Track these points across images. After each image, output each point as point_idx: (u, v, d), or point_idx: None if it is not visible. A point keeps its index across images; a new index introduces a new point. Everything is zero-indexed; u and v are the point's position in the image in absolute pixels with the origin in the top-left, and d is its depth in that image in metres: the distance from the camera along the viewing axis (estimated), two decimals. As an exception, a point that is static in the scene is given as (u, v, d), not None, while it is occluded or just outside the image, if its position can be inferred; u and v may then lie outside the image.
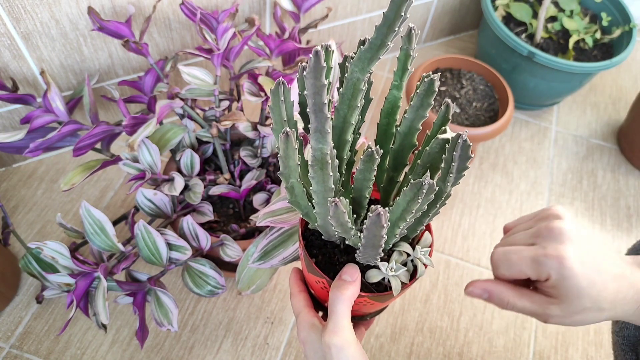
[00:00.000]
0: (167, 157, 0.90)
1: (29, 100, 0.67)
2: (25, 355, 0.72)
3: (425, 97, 0.37)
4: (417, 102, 0.37)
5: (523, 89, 1.04)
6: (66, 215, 0.86)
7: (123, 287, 0.59)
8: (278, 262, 0.52)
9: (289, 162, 0.35)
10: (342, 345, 0.37)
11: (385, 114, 0.41)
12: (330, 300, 0.39)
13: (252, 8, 0.87)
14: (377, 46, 0.33)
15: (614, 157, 1.08)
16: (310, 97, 0.31)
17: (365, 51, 0.33)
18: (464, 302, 0.84)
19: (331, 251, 0.45)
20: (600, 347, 0.82)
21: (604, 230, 0.96)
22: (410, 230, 0.41)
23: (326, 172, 0.34)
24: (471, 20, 1.25)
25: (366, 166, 0.35)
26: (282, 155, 0.34)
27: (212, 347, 0.75)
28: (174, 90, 0.70)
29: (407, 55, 0.37)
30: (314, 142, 0.34)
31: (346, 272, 0.39)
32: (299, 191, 0.38)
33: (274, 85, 0.35)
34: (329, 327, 0.38)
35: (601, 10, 1.09)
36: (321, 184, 0.35)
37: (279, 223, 0.51)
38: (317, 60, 0.30)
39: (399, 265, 0.40)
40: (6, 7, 0.67)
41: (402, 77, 0.38)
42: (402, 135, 0.40)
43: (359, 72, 0.34)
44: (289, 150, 0.34)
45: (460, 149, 0.34)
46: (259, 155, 0.74)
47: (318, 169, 0.34)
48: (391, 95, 0.40)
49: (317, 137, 0.33)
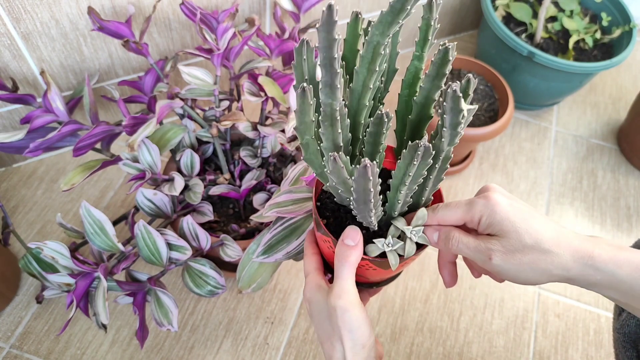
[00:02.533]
0: (167, 157, 0.90)
1: (29, 100, 0.67)
2: (25, 355, 0.72)
3: (440, 66, 0.36)
4: (433, 71, 0.37)
5: (523, 89, 1.04)
6: (66, 215, 0.86)
7: (123, 287, 0.59)
8: (282, 256, 0.53)
9: (305, 117, 0.35)
10: (346, 308, 0.39)
11: (406, 85, 0.41)
12: (335, 264, 0.40)
13: (252, 8, 0.87)
14: (397, 10, 0.33)
15: (614, 157, 1.08)
16: (322, 50, 0.31)
17: (386, 14, 0.33)
18: (464, 302, 0.84)
19: (343, 215, 0.45)
20: (600, 347, 0.82)
21: (604, 230, 0.96)
22: (416, 198, 0.41)
23: (335, 129, 0.34)
24: (471, 20, 1.25)
25: (376, 129, 0.35)
26: (298, 110, 0.34)
27: (212, 347, 0.75)
28: (174, 90, 0.70)
29: (428, 25, 0.37)
30: (324, 96, 0.33)
31: (348, 236, 0.40)
32: (314, 148, 0.38)
33: (298, 44, 0.35)
34: (334, 291, 0.40)
35: (601, 10, 1.09)
36: (330, 140, 0.35)
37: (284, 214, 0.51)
38: (330, 14, 0.30)
39: (396, 240, 0.40)
40: (6, 7, 0.67)
41: (424, 47, 0.38)
42: (419, 105, 0.39)
43: (379, 35, 0.34)
44: (305, 105, 0.34)
45: (451, 100, 0.32)
46: (259, 155, 0.74)
47: (328, 124, 0.34)
48: (412, 66, 0.39)
49: (326, 92, 0.33)
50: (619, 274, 0.39)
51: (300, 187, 0.55)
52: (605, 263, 0.39)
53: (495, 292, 0.85)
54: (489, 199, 0.40)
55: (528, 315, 0.84)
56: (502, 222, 0.40)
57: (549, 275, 0.40)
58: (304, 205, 0.53)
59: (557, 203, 0.99)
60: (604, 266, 0.39)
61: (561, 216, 0.97)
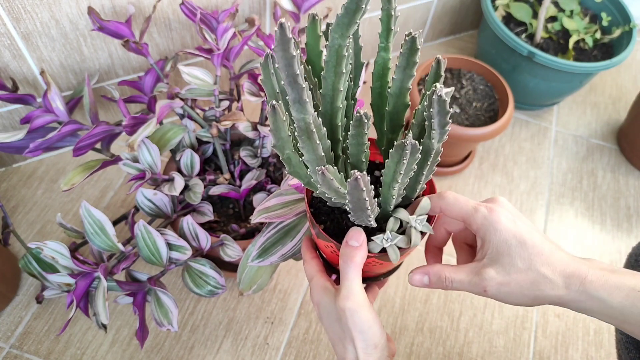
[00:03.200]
0: (167, 157, 0.90)
1: (29, 100, 0.67)
2: (25, 355, 0.72)
3: (409, 55, 0.37)
4: (403, 61, 0.37)
5: (523, 89, 1.04)
6: (66, 215, 0.86)
7: (123, 287, 0.59)
8: (277, 258, 0.53)
9: (280, 134, 0.35)
10: (354, 309, 0.39)
11: (376, 77, 0.41)
12: (341, 267, 0.40)
13: (252, 8, 0.87)
14: (352, 10, 0.33)
15: (614, 157, 1.08)
16: (283, 69, 0.31)
17: (342, 17, 0.34)
18: (464, 302, 0.84)
19: (339, 216, 0.45)
20: (600, 347, 0.82)
21: (604, 230, 0.96)
22: (410, 190, 0.41)
23: (313, 141, 0.35)
24: (471, 20, 1.25)
25: (357, 131, 0.36)
26: (272, 128, 0.35)
27: (212, 347, 0.75)
28: (174, 90, 0.70)
29: (389, 16, 0.37)
30: (295, 112, 0.34)
31: (352, 237, 0.40)
32: (296, 161, 0.38)
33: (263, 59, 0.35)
34: (342, 293, 0.40)
35: (601, 10, 1.09)
36: (311, 152, 0.35)
37: (273, 218, 0.51)
38: (283, 33, 0.30)
39: (395, 235, 0.40)
40: (6, 7, 0.67)
41: (388, 37, 0.38)
42: (394, 96, 0.40)
43: (339, 38, 0.35)
44: (278, 122, 0.34)
45: (437, 105, 0.33)
46: (259, 155, 0.74)
47: (305, 138, 0.35)
48: (380, 58, 0.40)
49: (297, 108, 0.33)
50: (609, 302, 0.39)
51: (289, 189, 0.54)
52: (597, 290, 0.39)
53: (495, 292, 0.85)
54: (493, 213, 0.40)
55: (528, 315, 0.84)
56: (499, 245, 0.40)
57: (541, 300, 0.40)
58: (294, 208, 0.53)
59: (557, 203, 0.99)
60: (595, 293, 0.39)
61: (561, 216, 0.97)
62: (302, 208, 0.52)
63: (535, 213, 0.97)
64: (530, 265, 0.40)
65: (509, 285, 0.40)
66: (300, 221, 0.54)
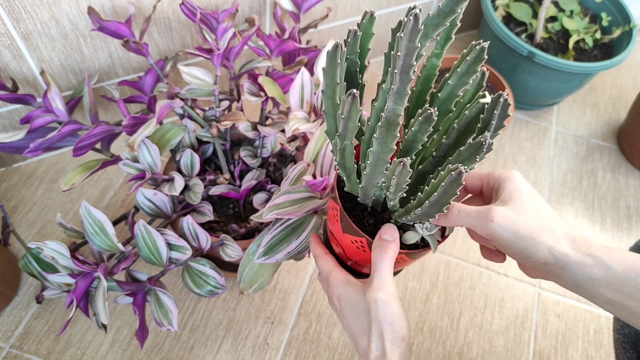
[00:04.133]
0: (167, 157, 0.90)
1: (29, 100, 0.67)
2: (25, 355, 0.72)
3: (473, 64, 0.37)
4: (464, 68, 0.38)
5: (523, 89, 1.04)
6: (66, 215, 0.86)
7: (123, 287, 0.59)
8: (283, 256, 0.53)
9: (350, 123, 0.35)
10: (387, 300, 0.40)
11: (421, 81, 0.41)
12: (374, 259, 0.41)
13: (252, 8, 0.87)
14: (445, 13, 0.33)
15: (614, 157, 1.08)
16: (402, 58, 0.31)
17: (433, 17, 0.34)
18: (464, 302, 0.84)
19: (360, 214, 0.46)
20: (600, 347, 0.82)
21: (604, 230, 0.96)
22: None
23: (391, 133, 0.35)
24: (471, 20, 1.25)
25: (422, 127, 0.36)
26: (345, 117, 0.35)
27: (212, 347, 0.75)
28: (174, 90, 0.70)
29: (453, 26, 0.37)
30: (390, 103, 0.34)
31: (386, 232, 0.41)
32: (349, 153, 0.39)
33: (332, 48, 0.35)
34: (374, 284, 0.40)
35: (601, 10, 1.09)
36: (384, 144, 0.36)
37: (284, 215, 0.51)
38: (416, 23, 0.30)
39: (433, 225, 0.41)
40: (6, 7, 0.67)
41: (444, 45, 0.39)
42: (441, 100, 0.40)
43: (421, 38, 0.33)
44: (353, 112, 0.34)
45: (501, 108, 0.35)
46: (259, 155, 0.74)
47: (385, 130, 0.35)
48: (430, 63, 0.40)
49: (395, 99, 0.34)
50: (615, 269, 0.39)
51: (298, 187, 0.54)
52: (603, 255, 0.39)
53: (495, 292, 0.85)
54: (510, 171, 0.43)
55: (528, 315, 0.84)
56: (512, 191, 0.41)
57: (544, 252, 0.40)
58: (303, 206, 0.53)
59: (557, 203, 0.99)
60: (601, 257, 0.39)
61: (561, 216, 0.97)
62: (311, 206, 0.53)
63: (535, 213, 0.97)
64: (540, 215, 0.40)
65: (516, 223, 0.39)
66: (306, 219, 0.54)
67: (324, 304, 0.81)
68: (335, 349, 0.77)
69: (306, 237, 0.54)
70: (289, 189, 0.54)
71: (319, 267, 0.47)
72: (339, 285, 0.44)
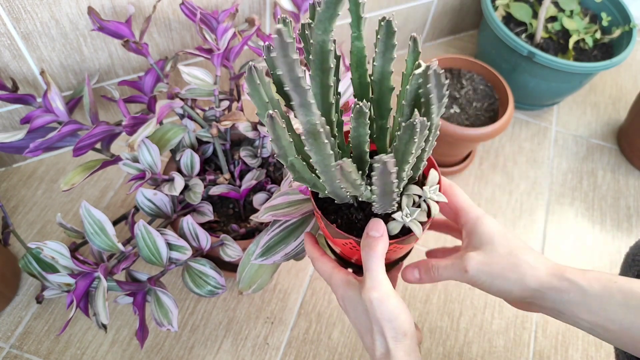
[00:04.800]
0: (167, 157, 0.90)
1: (29, 100, 0.67)
2: (25, 355, 0.72)
3: (387, 39, 0.37)
4: (382, 47, 0.37)
5: (523, 89, 1.04)
6: (66, 215, 0.86)
7: (123, 287, 0.59)
8: (280, 257, 0.53)
9: (281, 142, 0.35)
10: (381, 299, 0.39)
11: (355, 67, 0.41)
12: (363, 259, 0.40)
13: (252, 8, 0.87)
14: (333, 3, 0.33)
15: (614, 157, 1.08)
16: (285, 74, 0.31)
17: (323, 11, 0.33)
18: (464, 302, 0.84)
19: (347, 212, 0.45)
20: (600, 347, 0.82)
21: (603, 230, 0.96)
22: (414, 170, 0.41)
23: (321, 141, 0.35)
24: (471, 20, 1.25)
25: (359, 122, 0.36)
26: (273, 138, 0.35)
27: (212, 347, 0.75)
28: (174, 90, 0.70)
29: (356, 4, 0.37)
30: (301, 116, 0.33)
31: (372, 228, 0.40)
32: (300, 166, 0.39)
33: (247, 72, 0.35)
34: (366, 284, 0.40)
35: (601, 10, 1.09)
36: (319, 153, 0.35)
37: (280, 216, 0.51)
38: (282, 38, 0.29)
39: (413, 209, 0.41)
40: (6, 7, 0.67)
41: (359, 26, 0.39)
42: (378, 82, 0.40)
43: (323, 34, 0.34)
44: (278, 131, 0.34)
45: (434, 79, 0.34)
46: (259, 155, 0.74)
47: (312, 140, 0.35)
48: (354, 48, 0.40)
49: (302, 111, 0.33)
50: (589, 291, 0.40)
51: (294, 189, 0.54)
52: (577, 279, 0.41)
53: (495, 292, 0.85)
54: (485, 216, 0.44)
55: (528, 315, 0.84)
56: (482, 235, 0.43)
57: (521, 286, 0.41)
58: (300, 207, 0.53)
59: (557, 203, 0.99)
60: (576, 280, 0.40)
61: (561, 216, 0.97)
62: (308, 208, 0.53)
63: (535, 213, 0.97)
64: (511, 252, 0.42)
65: (489, 265, 0.41)
66: (304, 221, 0.54)
67: (324, 304, 0.81)
68: (335, 349, 0.77)
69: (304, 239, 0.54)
70: (286, 191, 0.54)
71: (317, 270, 0.47)
72: (340, 286, 0.44)
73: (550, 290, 0.41)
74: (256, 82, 0.36)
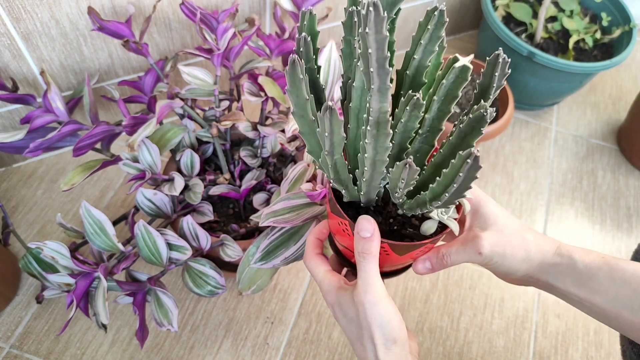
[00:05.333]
0: (167, 157, 0.90)
1: (29, 100, 0.67)
2: (25, 355, 0.72)
3: (435, 30, 0.35)
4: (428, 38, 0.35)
5: (523, 89, 1.04)
6: (66, 215, 0.86)
7: (123, 287, 0.59)
8: (280, 262, 0.52)
9: (335, 137, 0.33)
10: (374, 302, 0.38)
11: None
12: (356, 260, 0.39)
13: (252, 8, 0.87)
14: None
15: (614, 157, 1.08)
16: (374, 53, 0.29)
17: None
18: (464, 302, 0.84)
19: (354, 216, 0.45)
20: (600, 347, 0.82)
21: (603, 231, 0.96)
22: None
23: (383, 133, 0.33)
24: (471, 20, 1.25)
25: (411, 115, 0.34)
26: (328, 133, 0.33)
27: (212, 347, 0.75)
28: (174, 90, 0.70)
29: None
30: (375, 102, 0.31)
31: (363, 228, 0.38)
32: (342, 166, 0.37)
33: (289, 65, 0.33)
34: (358, 287, 0.39)
35: (601, 10, 1.09)
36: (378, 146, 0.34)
37: (281, 223, 0.51)
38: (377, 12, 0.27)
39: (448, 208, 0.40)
40: (6, 7, 0.67)
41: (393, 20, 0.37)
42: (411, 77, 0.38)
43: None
44: (335, 125, 0.32)
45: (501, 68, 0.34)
46: (259, 155, 0.74)
47: (376, 131, 0.32)
48: None
49: (378, 97, 0.31)
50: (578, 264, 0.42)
51: (297, 193, 0.54)
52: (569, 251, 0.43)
53: (495, 292, 0.85)
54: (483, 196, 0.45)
55: (528, 315, 0.84)
56: (488, 215, 0.43)
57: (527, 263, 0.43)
58: (302, 213, 0.52)
59: (557, 203, 0.99)
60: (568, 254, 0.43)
61: (561, 216, 0.97)
62: (309, 214, 0.52)
63: (535, 213, 0.97)
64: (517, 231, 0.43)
65: (502, 246, 0.42)
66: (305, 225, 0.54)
67: (324, 304, 0.81)
68: (335, 349, 0.77)
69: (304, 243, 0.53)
70: (287, 195, 0.53)
71: (309, 269, 0.45)
72: (330, 292, 0.42)
73: (548, 265, 0.43)
74: (299, 77, 0.33)
